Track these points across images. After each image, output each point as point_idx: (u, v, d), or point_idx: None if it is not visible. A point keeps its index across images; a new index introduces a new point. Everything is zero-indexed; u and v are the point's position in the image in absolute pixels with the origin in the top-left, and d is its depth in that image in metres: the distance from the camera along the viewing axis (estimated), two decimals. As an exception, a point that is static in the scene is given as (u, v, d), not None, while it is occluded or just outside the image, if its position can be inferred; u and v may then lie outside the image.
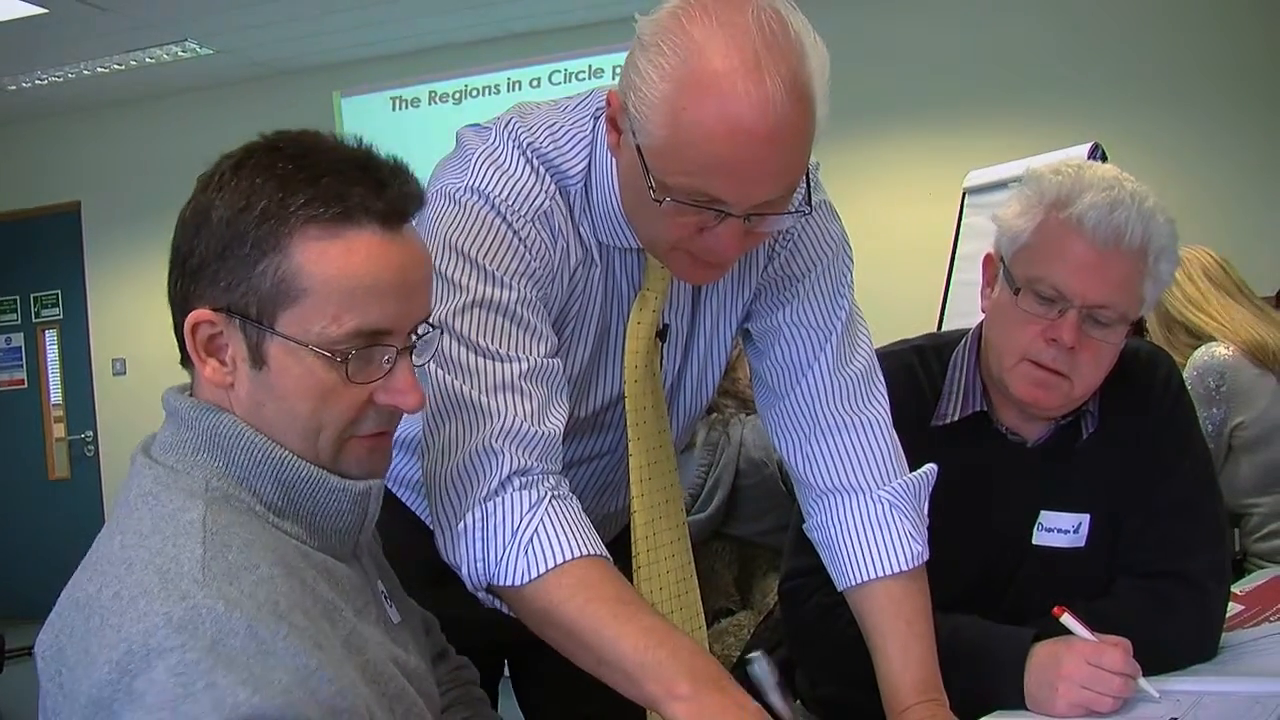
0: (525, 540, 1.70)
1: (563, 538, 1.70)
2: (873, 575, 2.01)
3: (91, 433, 10.43)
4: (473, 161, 1.87)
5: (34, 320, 10.65)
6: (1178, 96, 7.44)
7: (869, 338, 2.15)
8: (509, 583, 1.70)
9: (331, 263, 1.40)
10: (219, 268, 1.41)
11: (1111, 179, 2.07)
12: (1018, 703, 1.98)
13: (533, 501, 1.72)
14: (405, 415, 1.53)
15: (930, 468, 2.09)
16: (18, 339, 10.72)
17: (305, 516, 1.48)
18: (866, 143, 8.21)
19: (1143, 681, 1.91)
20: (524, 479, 1.74)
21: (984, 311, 2.22)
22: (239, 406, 1.46)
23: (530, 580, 1.69)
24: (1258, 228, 6.88)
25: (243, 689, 1.20)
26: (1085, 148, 4.94)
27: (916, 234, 7.59)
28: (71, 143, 10.25)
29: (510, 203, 1.83)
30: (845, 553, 2.05)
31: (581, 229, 1.92)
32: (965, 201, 5.77)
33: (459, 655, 1.96)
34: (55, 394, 10.66)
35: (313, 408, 1.44)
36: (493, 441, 1.71)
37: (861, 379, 2.10)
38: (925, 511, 2.08)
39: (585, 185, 1.91)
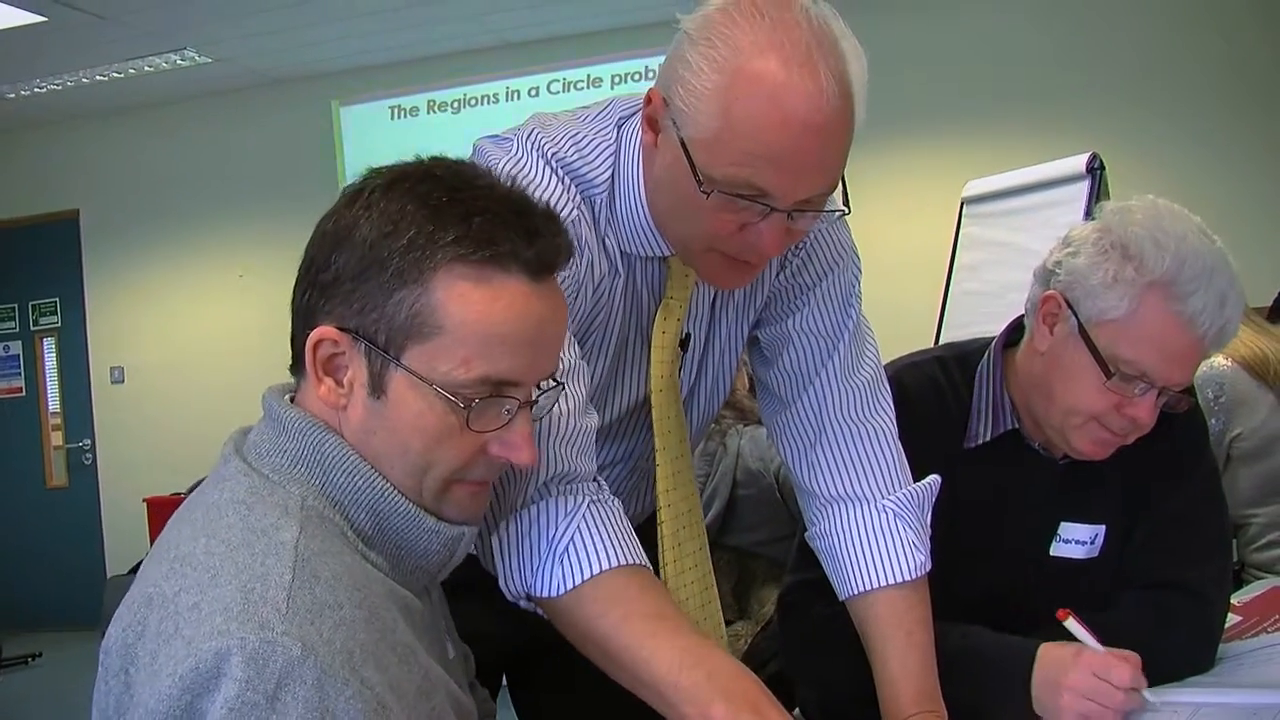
0: (560, 549, 1.68)
1: (599, 546, 1.68)
2: (875, 585, 2.01)
3: (89, 441, 10.41)
4: (499, 173, 1.81)
5: (32, 328, 10.64)
6: (1176, 106, 7.44)
7: (876, 347, 2.15)
8: (545, 594, 1.69)
9: (473, 306, 1.37)
10: (354, 288, 1.38)
11: (1211, 258, 1.99)
12: (1020, 712, 1.97)
13: (569, 509, 1.71)
14: None
15: (934, 478, 2.08)
16: (16, 347, 10.70)
17: (392, 550, 1.45)
18: (864, 153, 8.18)
19: (1147, 693, 1.90)
20: (563, 485, 1.73)
21: (1038, 350, 2.15)
22: (348, 430, 1.43)
23: (565, 591, 1.67)
24: (1256, 238, 6.87)
25: None
26: (1084, 158, 4.94)
27: (914, 244, 7.58)
28: (70, 151, 10.24)
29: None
30: (848, 562, 2.04)
31: (606, 239, 1.91)
32: (964, 211, 5.77)
33: (482, 688, 1.95)
34: (53, 402, 10.65)
35: (425, 446, 1.42)
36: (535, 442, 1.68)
37: (868, 387, 2.10)
38: (929, 522, 2.07)
39: (610, 194, 1.90)
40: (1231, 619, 2.35)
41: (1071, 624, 1.94)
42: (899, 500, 2.05)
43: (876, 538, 2.03)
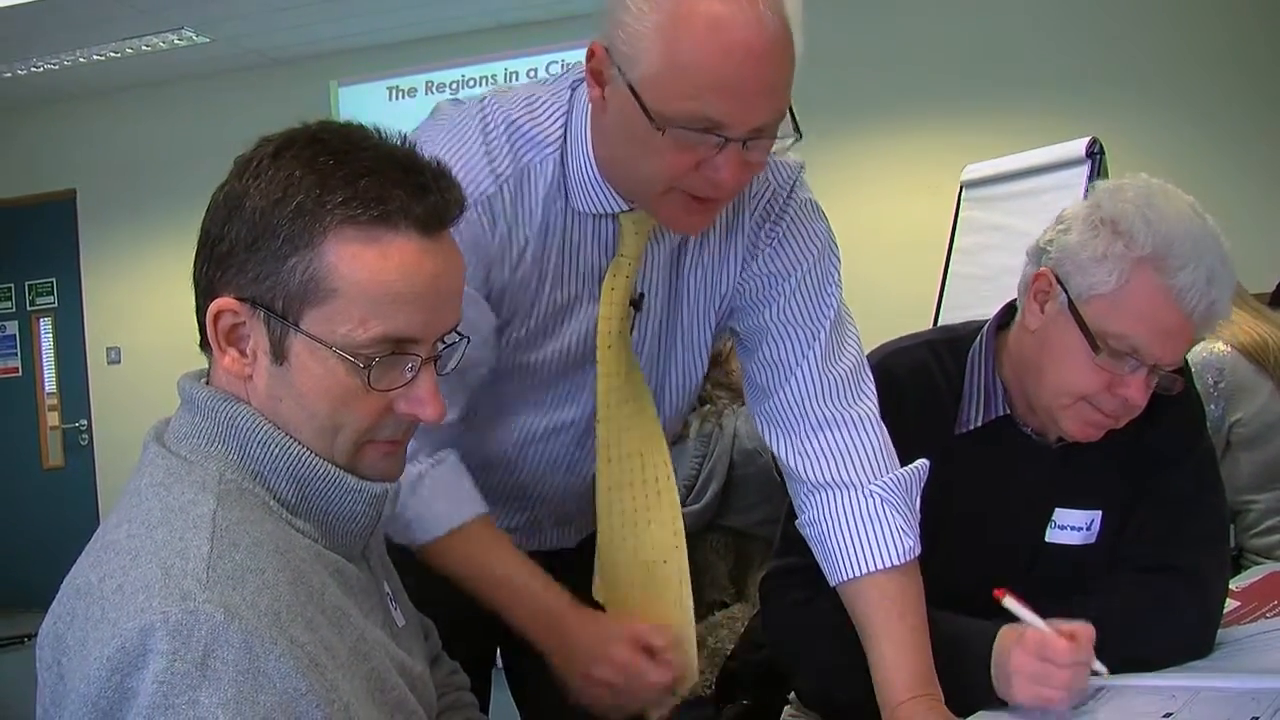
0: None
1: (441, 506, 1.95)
2: (865, 570, 2.01)
3: (86, 421, 10.42)
4: (434, 136, 1.91)
5: (29, 308, 10.64)
6: (1176, 91, 7.44)
7: (857, 337, 2.16)
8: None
9: (365, 266, 1.38)
10: (248, 258, 1.39)
11: (1202, 235, 2.00)
12: (989, 696, 1.96)
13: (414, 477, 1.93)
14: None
15: (922, 463, 2.08)
16: (12, 327, 10.70)
17: (319, 515, 1.46)
18: (865, 136, 8.22)
19: (1096, 664, 1.87)
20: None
21: (1029, 328, 2.15)
22: (255, 398, 1.44)
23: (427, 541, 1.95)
24: (1257, 223, 6.86)
25: (224, 711, 1.19)
26: (1083, 142, 4.94)
27: (914, 227, 7.58)
28: (67, 130, 10.23)
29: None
30: (837, 548, 2.05)
31: (556, 201, 1.96)
32: (962, 195, 5.77)
33: (451, 660, 1.96)
34: (50, 382, 10.65)
35: (331, 409, 1.42)
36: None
37: (850, 377, 2.10)
38: (917, 506, 2.07)
39: (561, 153, 1.95)
40: (1230, 604, 2.35)
41: (1009, 603, 1.92)
42: (886, 485, 2.05)
43: (864, 523, 2.04)
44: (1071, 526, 2.22)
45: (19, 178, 10.41)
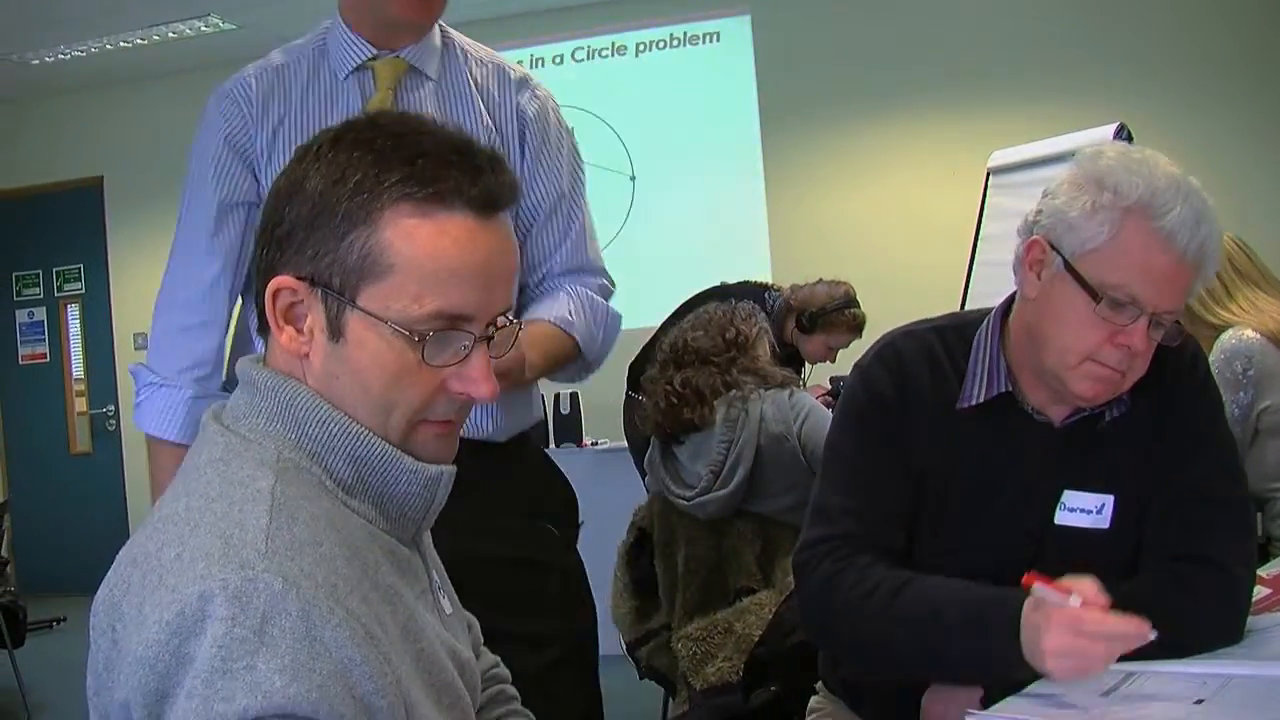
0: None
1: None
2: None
3: (113, 407, 10.46)
4: None
5: (56, 294, 10.70)
6: (1203, 77, 7.43)
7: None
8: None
9: (420, 242, 1.40)
10: (307, 237, 1.42)
11: (1183, 183, 2.04)
12: (1021, 665, 1.94)
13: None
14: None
15: None
16: (40, 313, 10.77)
17: (375, 496, 1.47)
18: (891, 124, 8.22)
19: (1150, 632, 1.83)
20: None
21: (1028, 298, 2.18)
22: (312, 376, 1.46)
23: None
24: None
25: (280, 676, 1.20)
26: (1110, 128, 4.92)
27: (941, 215, 7.57)
28: (94, 117, 10.27)
29: (224, 89, 2.61)
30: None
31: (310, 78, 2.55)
32: (989, 182, 5.76)
33: (492, 654, 1.96)
34: (77, 368, 10.71)
35: (385, 385, 1.44)
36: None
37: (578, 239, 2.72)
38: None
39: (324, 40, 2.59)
40: (1260, 592, 2.34)
41: (1038, 589, 1.92)
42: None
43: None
44: (1081, 509, 2.22)
45: (46, 164, 10.44)
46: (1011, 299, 2.29)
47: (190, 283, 2.58)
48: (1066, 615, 1.86)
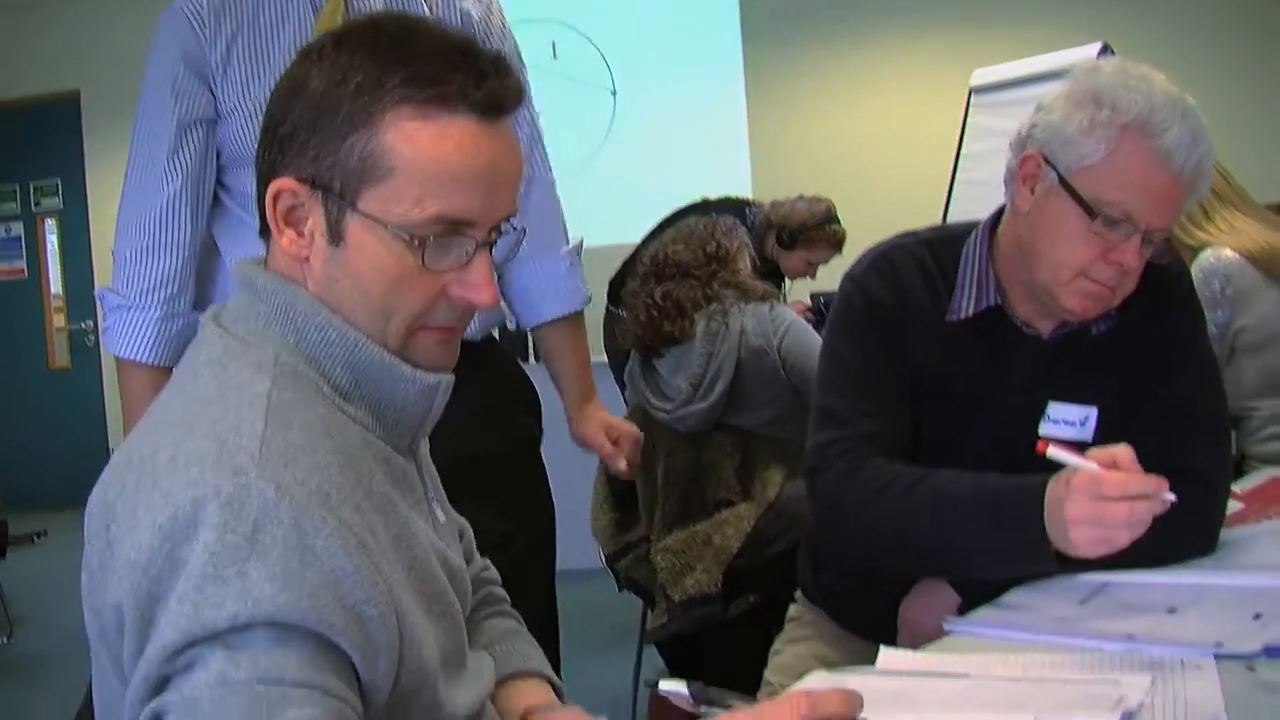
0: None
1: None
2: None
3: (92, 322, 10.46)
4: None
5: (34, 209, 10.66)
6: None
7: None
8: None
9: (422, 145, 1.38)
10: (308, 139, 1.40)
11: (1180, 100, 2.03)
12: (1045, 552, 1.95)
13: None
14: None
15: None
16: (17, 228, 10.73)
17: (371, 402, 1.46)
18: (875, 43, 8.20)
19: (1167, 494, 1.82)
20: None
21: (1020, 212, 2.18)
22: (312, 280, 1.45)
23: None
24: (1268, 130, 6.86)
25: (270, 584, 1.20)
26: (1094, 47, 4.91)
27: (923, 134, 7.56)
28: (71, 30, 10.18)
29: (175, 6, 2.58)
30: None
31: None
32: (971, 101, 5.75)
33: (481, 558, 1.97)
34: (55, 284, 10.70)
35: (385, 290, 1.42)
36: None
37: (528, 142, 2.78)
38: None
39: None
40: (1234, 506, 2.37)
41: (1054, 452, 1.89)
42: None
43: (548, 279, 2.87)
44: (1065, 421, 2.23)
45: (23, 78, 10.36)
46: (1000, 212, 2.29)
47: (148, 203, 2.56)
48: (1086, 479, 1.85)
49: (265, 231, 1.49)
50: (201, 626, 1.17)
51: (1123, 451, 1.85)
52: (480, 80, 1.41)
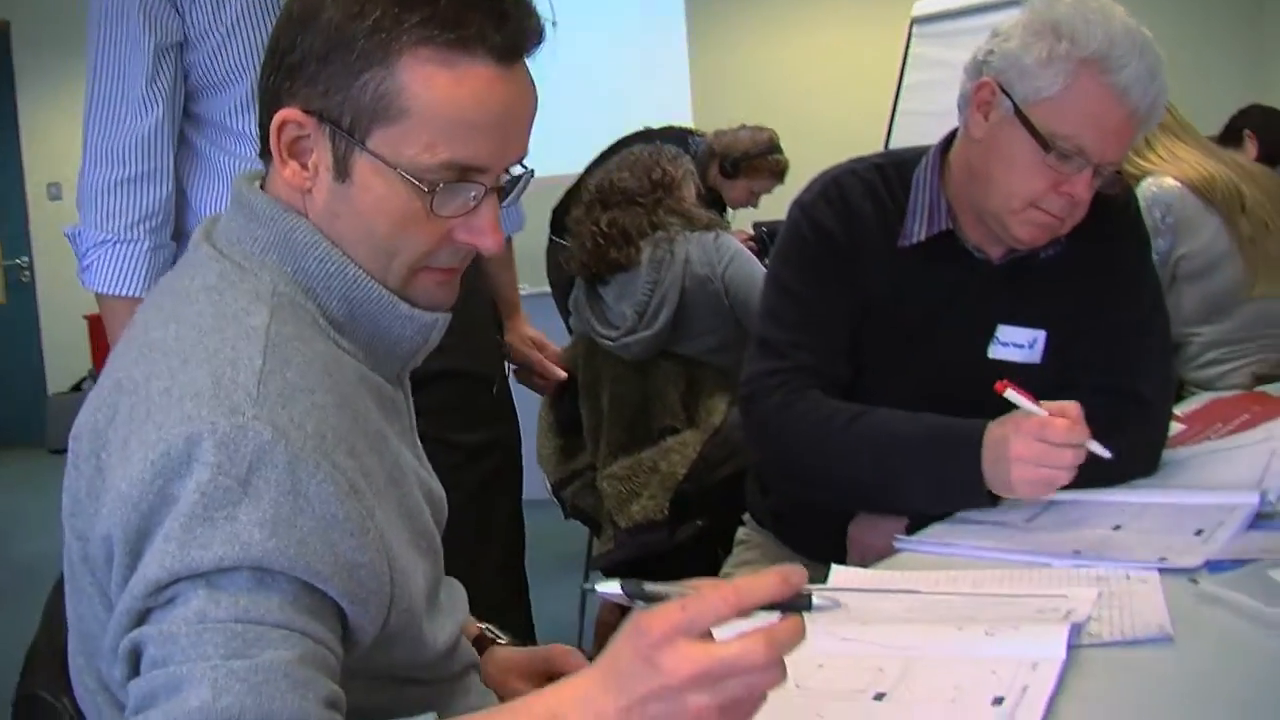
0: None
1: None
2: None
3: (27, 258, 10.33)
4: None
5: (-37, 144, 10.50)
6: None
7: None
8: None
9: (438, 90, 1.34)
10: (319, 70, 1.36)
11: (1138, 34, 2.03)
12: (979, 491, 2.01)
13: None
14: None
15: None
16: (-54, 163, 10.57)
17: (365, 337, 1.44)
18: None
19: (1094, 445, 1.90)
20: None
21: (973, 138, 2.18)
22: (313, 211, 1.41)
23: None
24: (1216, 64, 6.89)
25: (260, 530, 1.18)
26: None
27: (864, 62, 7.56)
28: (-2, -41, 9.99)
29: None
30: None
31: None
32: (913, 31, 5.75)
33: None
34: (-13, 219, 10.55)
35: (389, 230, 1.39)
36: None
37: None
38: None
39: None
40: (1176, 428, 2.41)
41: (1011, 394, 1.93)
42: None
43: None
44: (1014, 344, 2.25)
45: (-51, 8, 10.17)
46: (951, 136, 2.30)
47: (125, 132, 2.49)
48: (1035, 422, 1.91)
49: (265, 154, 1.45)
50: (186, 566, 1.16)
51: (1072, 406, 1.91)
52: (501, 21, 1.37)
